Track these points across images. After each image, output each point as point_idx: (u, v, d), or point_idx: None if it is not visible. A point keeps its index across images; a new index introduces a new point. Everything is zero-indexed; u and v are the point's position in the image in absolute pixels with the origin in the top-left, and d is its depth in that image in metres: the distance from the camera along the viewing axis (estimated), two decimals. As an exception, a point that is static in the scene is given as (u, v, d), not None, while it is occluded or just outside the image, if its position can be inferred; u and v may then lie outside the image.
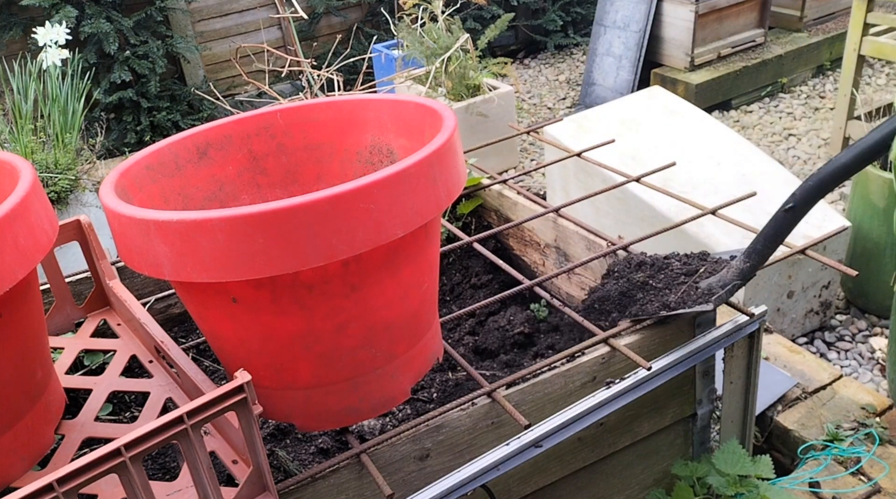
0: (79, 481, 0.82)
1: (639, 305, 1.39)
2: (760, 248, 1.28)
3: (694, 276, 1.38)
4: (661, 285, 1.39)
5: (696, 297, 1.33)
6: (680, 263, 1.44)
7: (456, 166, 1.03)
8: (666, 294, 1.37)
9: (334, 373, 1.07)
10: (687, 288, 1.35)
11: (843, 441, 1.75)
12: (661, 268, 1.44)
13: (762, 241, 1.28)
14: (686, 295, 1.34)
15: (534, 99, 4.78)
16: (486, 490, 1.28)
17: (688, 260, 1.45)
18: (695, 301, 1.32)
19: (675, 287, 1.37)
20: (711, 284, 1.33)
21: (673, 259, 1.46)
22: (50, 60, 2.67)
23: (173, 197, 1.18)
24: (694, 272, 1.39)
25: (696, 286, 1.34)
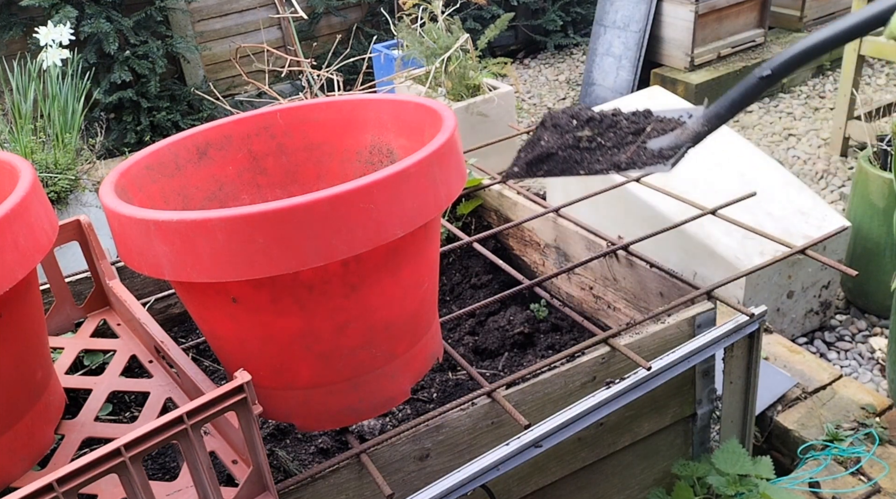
0: (79, 481, 0.81)
1: (585, 165, 1.25)
2: (723, 113, 1.19)
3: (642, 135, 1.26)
4: (609, 144, 1.26)
5: (648, 157, 1.22)
6: (628, 122, 1.30)
7: (456, 166, 1.03)
8: (615, 154, 1.25)
9: (334, 373, 1.07)
10: (637, 148, 1.24)
11: (843, 441, 1.75)
12: (610, 125, 1.29)
13: (727, 106, 1.20)
14: (636, 155, 1.23)
15: (534, 99, 4.78)
16: (486, 490, 1.28)
17: (636, 118, 1.31)
18: (646, 162, 1.21)
19: (624, 147, 1.25)
20: (663, 145, 1.23)
21: (621, 117, 1.32)
22: (50, 60, 2.67)
23: (173, 197, 1.18)
24: (642, 131, 1.27)
25: (644, 146, 1.24)
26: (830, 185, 3.49)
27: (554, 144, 1.25)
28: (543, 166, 1.24)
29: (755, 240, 2.29)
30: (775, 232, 2.15)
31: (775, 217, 2.37)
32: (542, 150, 1.24)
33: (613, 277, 1.69)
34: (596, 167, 1.23)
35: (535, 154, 1.25)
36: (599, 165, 1.23)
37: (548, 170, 1.24)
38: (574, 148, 1.25)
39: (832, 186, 3.48)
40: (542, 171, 1.24)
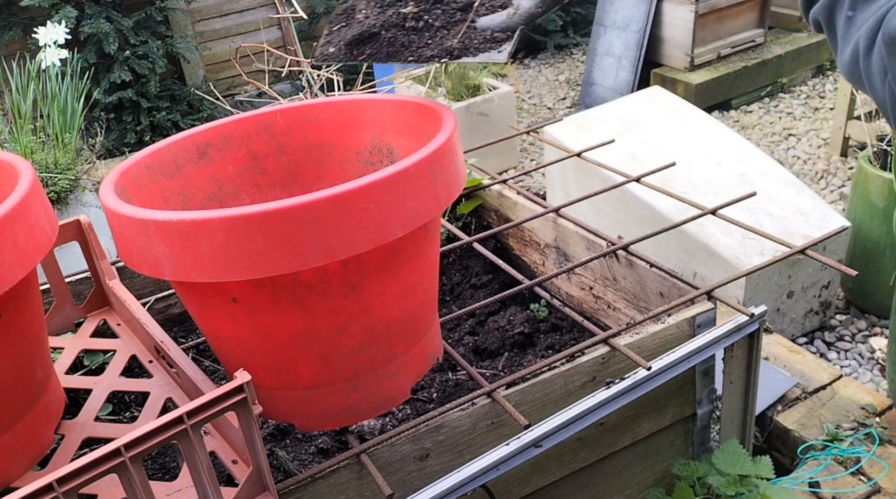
0: (79, 481, 0.81)
1: (414, 50, 1.13)
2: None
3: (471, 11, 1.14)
4: (438, 24, 1.14)
5: (480, 42, 1.12)
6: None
7: (456, 166, 1.03)
8: (445, 36, 1.13)
9: (334, 373, 1.07)
10: (467, 29, 1.12)
11: (843, 441, 1.75)
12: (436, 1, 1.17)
13: None
14: (468, 39, 1.12)
15: (534, 99, 4.78)
16: (486, 490, 1.28)
17: None
18: (479, 48, 1.11)
19: (454, 27, 1.14)
20: (494, 26, 1.12)
21: None
22: (49, 60, 2.67)
23: (173, 197, 1.18)
24: (470, 6, 1.15)
25: (474, 27, 1.12)
26: (830, 185, 3.49)
27: (376, 21, 1.11)
28: (366, 49, 1.11)
29: (755, 240, 2.29)
30: (775, 232, 2.15)
31: (775, 217, 2.37)
32: (362, 28, 1.11)
33: (613, 277, 1.69)
34: (426, 53, 1.12)
35: (356, 33, 1.11)
36: (430, 51, 1.11)
37: (371, 54, 1.11)
38: (399, 27, 1.11)
39: (832, 186, 3.48)
40: (363, 54, 1.11)
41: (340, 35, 1.13)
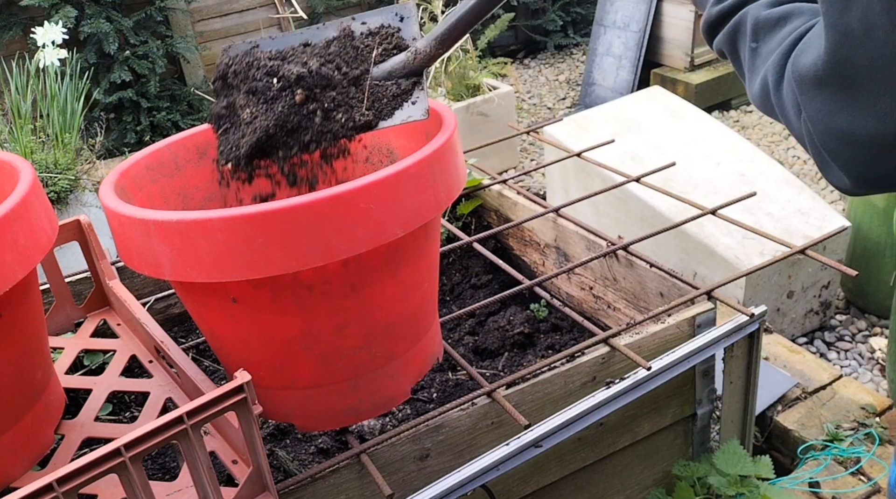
0: (79, 481, 0.81)
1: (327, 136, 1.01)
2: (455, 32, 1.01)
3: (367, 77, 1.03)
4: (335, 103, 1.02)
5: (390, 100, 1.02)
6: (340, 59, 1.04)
7: (456, 166, 1.03)
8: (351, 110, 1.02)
9: (334, 373, 1.07)
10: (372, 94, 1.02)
11: (843, 441, 1.75)
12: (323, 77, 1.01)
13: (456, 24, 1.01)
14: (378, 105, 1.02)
15: (534, 99, 4.78)
16: (486, 490, 1.28)
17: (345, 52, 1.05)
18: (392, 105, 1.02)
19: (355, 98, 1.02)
20: (394, 68, 1.03)
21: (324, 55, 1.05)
22: (48, 60, 2.67)
23: (173, 197, 1.18)
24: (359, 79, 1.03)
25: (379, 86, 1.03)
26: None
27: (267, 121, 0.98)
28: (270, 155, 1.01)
29: (755, 240, 2.29)
30: (775, 232, 2.15)
31: (775, 217, 2.37)
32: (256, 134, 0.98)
33: (613, 277, 1.69)
34: (341, 134, 1.01)
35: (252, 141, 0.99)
36: (343, 130, 1.01)
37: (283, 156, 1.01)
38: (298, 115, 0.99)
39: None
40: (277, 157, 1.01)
41: (232, 141, 1.02)
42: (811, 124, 0.69)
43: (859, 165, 0.67)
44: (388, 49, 1.04)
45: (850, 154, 0.67)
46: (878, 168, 0.67)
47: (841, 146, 0.67)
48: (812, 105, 0.68)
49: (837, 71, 0.64)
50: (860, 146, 0.66)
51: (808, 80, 0.68)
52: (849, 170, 0.69)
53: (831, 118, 0.67)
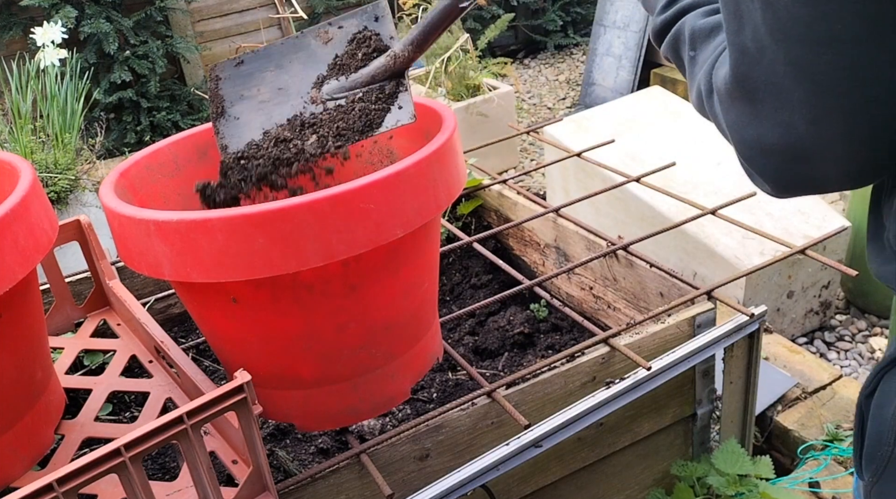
0: (79, 481, 0.81)
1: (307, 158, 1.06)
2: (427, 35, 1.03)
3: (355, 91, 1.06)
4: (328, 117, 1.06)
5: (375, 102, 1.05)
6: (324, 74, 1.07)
7: (456, 166, 1.03)
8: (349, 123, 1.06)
9: (334, 373, 1.07)
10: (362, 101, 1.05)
11: (842, 441, 1.75)
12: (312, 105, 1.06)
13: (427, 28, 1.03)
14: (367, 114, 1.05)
15: (534, 99, 4.78)
16: (486, 490, 1.28)
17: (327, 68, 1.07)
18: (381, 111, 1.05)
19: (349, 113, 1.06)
20: (377, 70, 1.05)
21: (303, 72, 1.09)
22: (48, 60, 2.67)
23: (173, 197, 1.18)
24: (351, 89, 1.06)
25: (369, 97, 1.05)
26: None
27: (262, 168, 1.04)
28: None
29: (755, 240, 2.29)
30: (775, 232, 2.15)
31: (775, 217, 2.37)
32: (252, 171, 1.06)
33: (613, 277, 1.69)
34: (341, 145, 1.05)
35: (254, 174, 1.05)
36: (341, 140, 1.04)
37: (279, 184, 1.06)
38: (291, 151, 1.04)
39: (832, 186, 3.48)
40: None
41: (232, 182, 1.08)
42: (729, 133, 0.73)
43: (773, 173, 0.71)
44: (368, 53, 1.05)
45: (763, 162, 0.71)
46: (789, 176, 0.71)
47: (755, 155, 0.71)
48: (728, 116, 0.72)
49: (741, 85, 0.68)
50: (771, 155, 0.70)
51: (722, 93, 0.71)
52: (765, 177, 0.73)
53: (744, 129, 0.70)
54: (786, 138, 0.68)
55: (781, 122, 0.67)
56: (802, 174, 0.70)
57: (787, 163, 0.70)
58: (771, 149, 0.69)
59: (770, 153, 0.70)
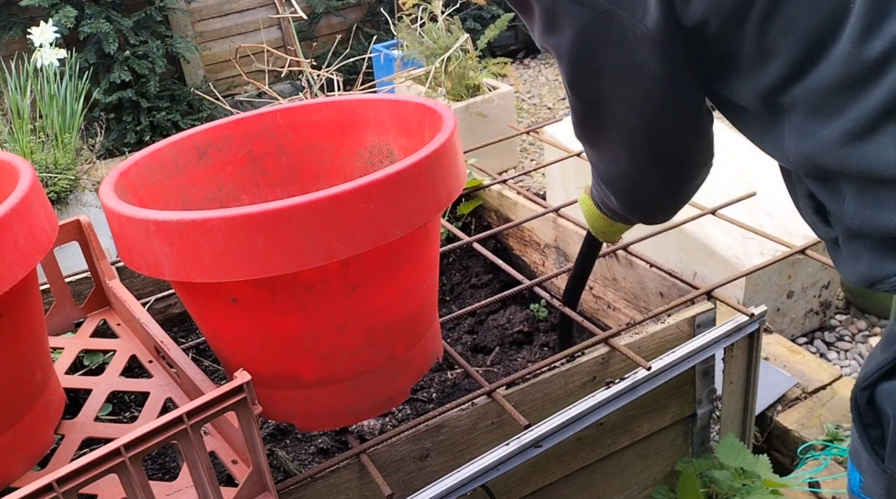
0: (78, 481, 0.82)
1: None
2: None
3: None
4: None
5: None
6: None
7: (456, 167, 1.03)
8: None
9: (334, 373, 1.07)
10: None
11: (842, 441, 1.75)
12: None
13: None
14: None
15: (534, 99, 4.78)
16: (486, 490, 1.28)
17: None
18: None
19: None
20: None
21: None
22: (46, 60, 2.67)
23: (173, 197, 1.18)
24: None
25: None
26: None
27: None
28: None
29: (755, 240, 2.29)
30: (775, 232, 2.14)
31: (775, 217, 2.37)
32: None
33: (613, 277, 1.69)
34: None
35: None
36: None
37: None
38: None
39: (832, 186, 3.47)
40: None
41: None
42: (591, 167, 1.13)
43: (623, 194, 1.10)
44: None
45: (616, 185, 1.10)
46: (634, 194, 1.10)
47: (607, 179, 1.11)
48: (587, 156, 1.10)
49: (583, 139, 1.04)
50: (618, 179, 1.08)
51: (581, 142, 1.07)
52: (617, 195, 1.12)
53: (596, 163, 1.10)
54: (619, 168, 1.04)
55: (613, 158, 1.03)
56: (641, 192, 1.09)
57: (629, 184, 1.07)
58: (615, 175, 1.07)
59: (617, 177, 1.08)
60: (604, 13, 0.83)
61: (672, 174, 1.05)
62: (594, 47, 0.87)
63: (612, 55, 0.87)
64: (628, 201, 1.12)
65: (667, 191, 1.09)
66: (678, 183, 1.08)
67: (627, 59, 0.87)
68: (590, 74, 0.91)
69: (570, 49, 0.89)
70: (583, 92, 0.95)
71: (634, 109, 0.92)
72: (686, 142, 1.00)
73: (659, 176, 1.04)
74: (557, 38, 0.89)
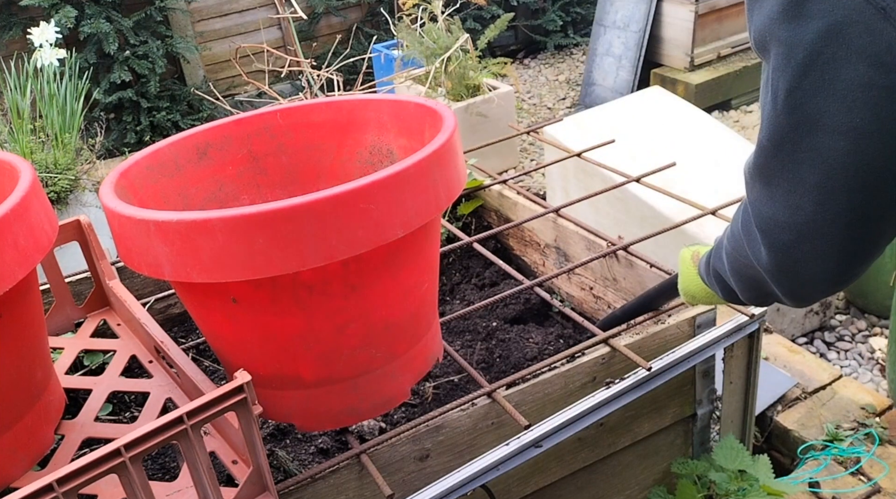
0: (79, 482, 0.81)
1: None
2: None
3: None
4: None
5: None
6: None
7: (456, 167, 1.03)
8: None
9: (334, 373, 1.07)
10: None
11: (842, 441, 1.75)
12: None
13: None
14: None
15: (534, 99, 4.78)
16: (486, 490, 1.28)
17: None
18: None
19: None
20: None
21: None
22: (46, 60, 2.67)
23: (173, 197, 1.18)
24: None
25: None
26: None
27: None
28: None
29: (755, 240, 2.28)
30: (775, 232, 2.14)
31: (775, 217, 2.37)
32: None
33: (613, 278, 1.69)
34: None
35: None
36: None
37: None
38: None
39: (832, 186, 3.47)
40: None
41: None
42: (751, 209, 0.88)
43: (783, 246, 0.85)
44: None
45: (777, 235, 0.85)
46: (797, 251, 0.84)
47: (770, 228, 0.85)
48: (751, 194, 0.88)
49: (761, 172, 0.84)
50: (783, 231, 0.84)
51: (747, 176, 0.87)
52: (775, 250, 0.86)
53: (762, 206, 0.86)
54: (795, 217, 0.81)
55: (792, 205, 0.81)
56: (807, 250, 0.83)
57: (796, 239, 0.83)
58: (784, 225, 0.83)
59: (784, 229, 0.83)
60: (879, 10, 0.66)
61: (862, 238, 0.81)
62: (842, 52, 0.69)
63: (860, 68, 0.69)
64: (784, 262, 0.86)
65: (844, 258, 0.83)
66: (864, 251, 0.83)
67: (879, 78, 0.69)
68: (820, 86, 0.72)
69: (810, 47, 0.70)
70: (798, 107, 0.74)
71: (854, 145, 0.73)
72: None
73: (845, 237, 0.80)
74: (797, 29, 0.71)
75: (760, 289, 0.97)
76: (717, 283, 1.10)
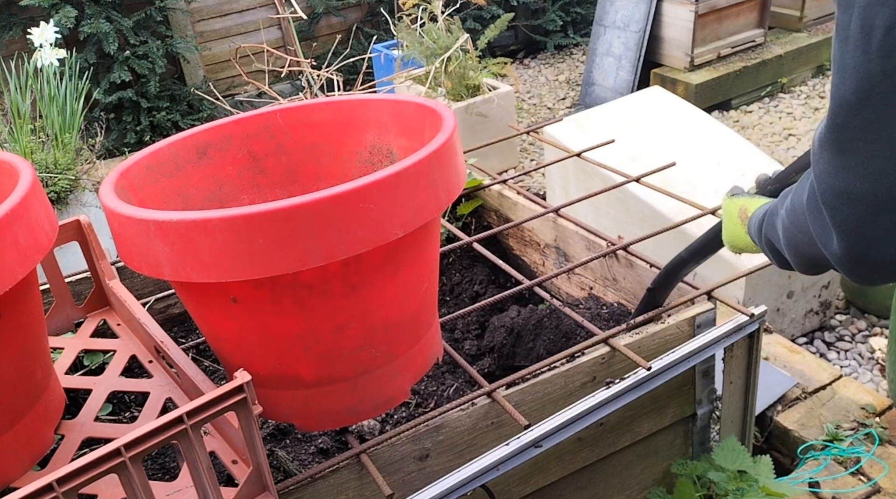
0: (79, 481, 0.81)
1: None
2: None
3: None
4: None
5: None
6: None
7: (456, 166, 1.03)
8: None
9: (334, 373, 1.07)
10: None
11: (842, 441, 1.75)
12: None
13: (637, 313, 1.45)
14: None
15: (534, 99, 4.78)
16: (486, 490, 1.28)
17: None
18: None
19: None
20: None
21: None
22: (46, 60, 2.67)
23: (173, 197, 1.18)
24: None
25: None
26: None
27: None
28: None
29: (755, 240, 2.28)
30: (775, 232, 2.14)
31: (775, 217, 2.37)
32: None
33: (613, 278, 1.69)
34: None
35: None
36: None
37: None
38: None
39: (832, 186, 3.47)
40: None
41: None
42: (817, 183, 0.76)
43: (856, 224, 0.73)
44: None
45: (847, 212, 0.73)
46: (871, 228, 0.73)
47: (840, 203, 0.73)
48: (818, 166, 0.75)
49: (835, 136, 0.71)
50: (857, 204, 0.72)
51: (816, 145, 0.75)
52: (845, 229, 0.74)
53: (831, 179, 0.73)
54: (876, 187, 0.69)
55: (873, 171, 0.69)
56: (884, 226, 0.72)
57: (873, 213, 0.71)
58: (859, 198, 0.71)
59: (857, 202, 0.72)
60: None
61: None
62: None
63: None
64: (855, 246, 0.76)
65: None
66: None
67: None
68: None
69: None
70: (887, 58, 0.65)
71: None
72: None
73: None
74: None
75: (819, 266, 0.93)
76: (769, 250, 1.05)
